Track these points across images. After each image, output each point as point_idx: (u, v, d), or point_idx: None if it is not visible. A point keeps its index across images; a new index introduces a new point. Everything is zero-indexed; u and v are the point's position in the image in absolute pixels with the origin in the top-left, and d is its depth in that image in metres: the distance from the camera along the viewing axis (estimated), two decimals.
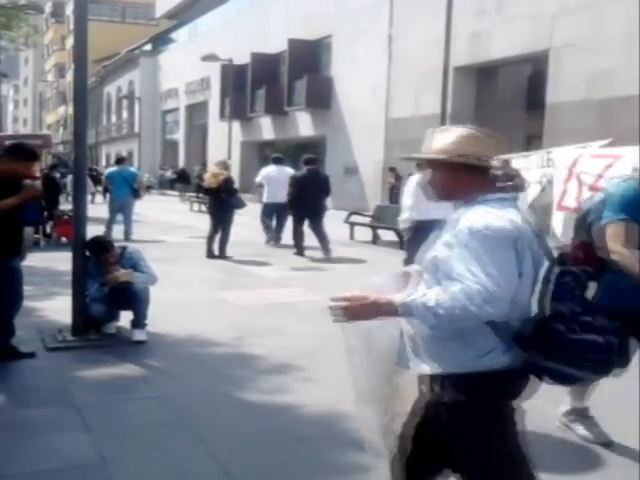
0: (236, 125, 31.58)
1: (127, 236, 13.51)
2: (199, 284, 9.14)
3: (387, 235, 13.88)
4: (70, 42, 52.97)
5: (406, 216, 7.95)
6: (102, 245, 6.16)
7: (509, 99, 20.67)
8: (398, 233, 13.62)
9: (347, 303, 2.42)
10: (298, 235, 12.19)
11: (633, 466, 3.72)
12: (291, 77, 27.90)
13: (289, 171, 13.40)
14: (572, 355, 2.30)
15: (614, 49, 15.11)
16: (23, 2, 24.88)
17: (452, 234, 2.34)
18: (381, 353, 2.66)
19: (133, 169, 16.10)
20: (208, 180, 11.81)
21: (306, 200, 11.79)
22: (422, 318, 2.30)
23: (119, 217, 14.19)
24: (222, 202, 11.44)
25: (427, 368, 2.44)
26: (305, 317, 7.24)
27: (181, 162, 40.90)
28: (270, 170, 13.90)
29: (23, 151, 5.35)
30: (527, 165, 17.45)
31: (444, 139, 2.50)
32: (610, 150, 13.83)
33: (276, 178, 13.29)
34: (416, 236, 7.42)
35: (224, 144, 28.77)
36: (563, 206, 13.74)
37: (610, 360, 2.33)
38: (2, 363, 5.29)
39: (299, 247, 12.10)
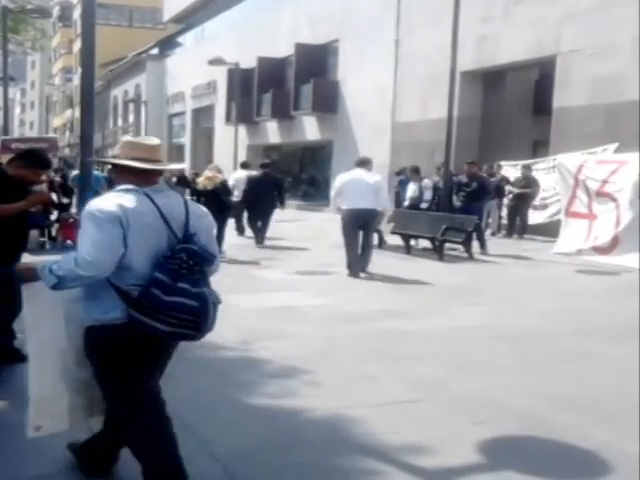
0: (242, 129, 31.59)
1: None
2: None
3: (393, 239, 13.86)
4: (77, 46, 53.15)
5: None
6: None
7: (516, 104, 20.64)
8: (404, 237, 13.65)
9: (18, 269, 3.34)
10: (255, 227, 14.31)
11: (634, 472, 3.69)
12: (298, 81, 27.91)
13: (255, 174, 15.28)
14: (161, 313, 2.95)
15: (621, 54, 15.08)
16: (31, 6, 25.01)
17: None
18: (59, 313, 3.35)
19: (99, 173, 16.40)
20: (202, 183, 12.36)
21: (259, 198, 13.82)
22: (49, 280, 2.99)
23: None
24: (218, 203, 11.79)
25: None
26: (311, 321, 7.23)
27: (187, 166, 40.92)
28: (239, 174, 15.94)
29: (32, 158, 5.34)
30: (535, 173, 17.48)
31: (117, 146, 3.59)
32: (615, 156, 13.86)
33: (244, 180, 14.96)
34: (346, 220, 10.34)
35: (230, 148, 28.77)
36: (573, 212, 13.76)
37: (194, 320, 3.03)
38: (4, 365, 5.28)
39: (257, 236, 14.12)
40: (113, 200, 3.01)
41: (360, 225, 10.29)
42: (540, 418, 4.50)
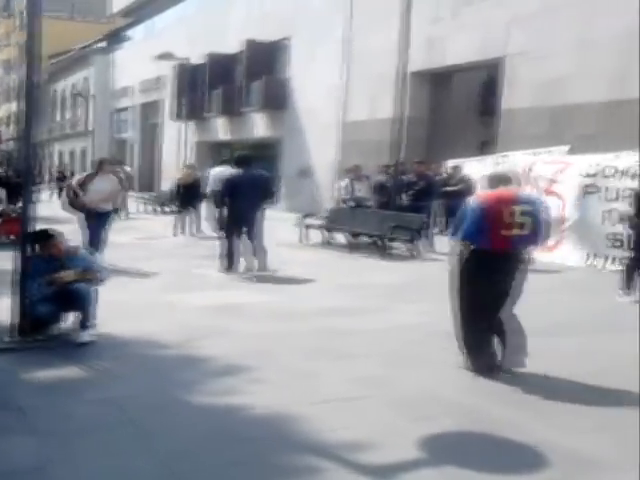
0: (191, 125, 31.31)
1: None
2: (147, 285, 9.05)
3: (339, 237, 13.90)
4: (17, 38, 52.06)
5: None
6: (44, 233, 6.06)
7: (463, 105, 20.89)
8: (350, 235, 13.70)
9: None
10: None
11: (571, 466, 3.78)
12: (248, 78, 27.77)
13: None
14: None
15: (566, 57, 15.39)
16: None
17: None
18: None
19: None
20: (184, 178, 16.46)
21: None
22: None
23: None
24: (196, 193, 16.01)
25: None
26: (253, 318, 7.22)
27: (135, 161, 40.40)
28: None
29: None
30: (480, 169, 17.74)
31: None
32: (562, 157, 14.13)
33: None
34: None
35: (179, 144, 28.51)
36: None
37: None
38: None
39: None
40: None
41: None
42: (480, 414, 4.58)
